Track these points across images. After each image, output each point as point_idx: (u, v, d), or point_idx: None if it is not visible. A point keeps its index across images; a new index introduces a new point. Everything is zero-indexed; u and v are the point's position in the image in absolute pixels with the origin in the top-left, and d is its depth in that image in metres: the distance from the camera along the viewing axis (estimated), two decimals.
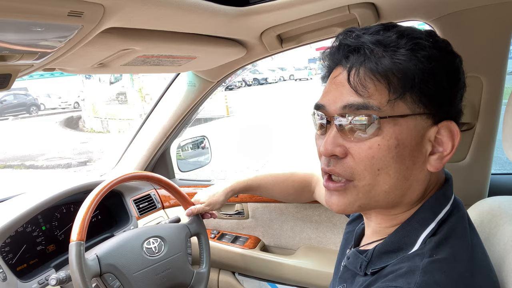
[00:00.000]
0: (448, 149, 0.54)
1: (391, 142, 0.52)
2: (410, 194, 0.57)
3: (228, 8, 0.84)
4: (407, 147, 0.53)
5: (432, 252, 0.52)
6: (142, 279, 1.05)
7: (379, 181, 0.54)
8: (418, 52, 0.52)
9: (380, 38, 0.53)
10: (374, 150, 0.53)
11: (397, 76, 0.52)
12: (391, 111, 0.52)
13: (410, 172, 0.54)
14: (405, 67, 0.51)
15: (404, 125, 0.52)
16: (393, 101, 0.52)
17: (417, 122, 0.53)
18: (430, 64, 0.52)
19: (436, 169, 0.55)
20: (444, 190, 0.58)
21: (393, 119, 0.52)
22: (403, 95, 0.52)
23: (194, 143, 1.82)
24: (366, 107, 0.52)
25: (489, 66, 1.01)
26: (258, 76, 23.31)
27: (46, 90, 19.19)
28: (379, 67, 0.52)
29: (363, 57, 0.53)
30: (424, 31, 0.55)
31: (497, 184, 1.23)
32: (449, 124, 0.54)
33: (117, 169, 1.71)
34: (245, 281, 1.53)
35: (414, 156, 0.54)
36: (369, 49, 0.53)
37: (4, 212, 1.15)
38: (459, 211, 0.58)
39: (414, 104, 0.52)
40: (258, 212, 1.54)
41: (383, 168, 0.53)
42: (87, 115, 14.23)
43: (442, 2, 0.95)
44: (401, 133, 0.52)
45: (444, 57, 0.53)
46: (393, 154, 0.52)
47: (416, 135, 0.53)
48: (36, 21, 0.56)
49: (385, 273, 0.55)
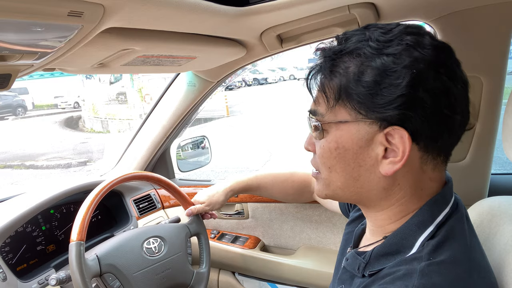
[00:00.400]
0: (399, 155, 0.53)
1: (331, 144, 0.58)
2: (367, 193, 0.59)
3: (228, 8, 0.84)
4: (348, 150, 0.57)
5: (430, 256, 0.52)
6: (142, 279, 1.05)
7: (332, 177, 0.60)
8: (358, 61, 0.54)
9: (337, 48, 0.57)
10: (322, 150, 0.60)
11: (329, 87, 0.57)
12: (333, 117, 0.57)
13: (358, 173, 0.57)
14: (338, 78, 0.55)
15: (345, 130, 0.56)
16: (331, 108, 0.57)
17: (359, 127, 0.55)
18: (365, 73, 0.53)
19: (386, 173, 0.55)
20: (444, 193, 0.58)
21: (335, 124, 0.57)
22: (337, 104, 0.56)
23: (194, 143, 1.82)
24: (315, 114, 0.60)
25: (489, 66, 1.01)
26: (258, 76, 23.30)
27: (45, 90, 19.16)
28: (319, 81, 0.58)
29: (316, 71, 0.60)
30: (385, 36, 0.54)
31: (497, 184, 1.23)
32: (398, 130, 0.52)
33: (117, 169, 1.71)
34: (245, 281, 1.53)
35: (359, 158, 0.56)
36: (322, 63, 0.59)
37: (4, 212, 1.15)
38: (458, 213, 0.58)
39: (353, 111, 0.55)
40: (258, 212, 1.54)
41: (332, 166, 0.60)
42: (87, 115, 14.23)
43: (442, 2, 0.95)
44: (341, 137, 0.57)
45: (383, 66, 0.52)
46: (335, 155, 0.58)
47: (359, 139, 0.55)
48: (36, 21, 0.56)
49: (382, 275, 0.55)
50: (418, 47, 0.52)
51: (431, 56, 0.52)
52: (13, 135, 12.90)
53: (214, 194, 1.21)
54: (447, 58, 0.54)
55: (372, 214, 0.63)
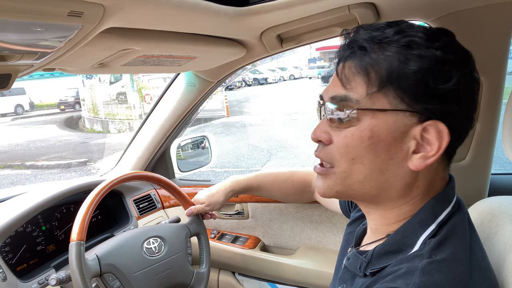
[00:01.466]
0: (434, 150, 0.53)
1: (364, 133, 0.54)
2: (388, 189, 0.57)
3: (228, 8, 0.84)
4: (382, 141, 0.54)
5: (431, 253, 0.52)
6: (142, 279, 1.05)
7: (353, 170, 0.57)
8: (408, 50, 0.52)
9: (376, 34, 0.55)
10: (348, 139, 0.56)
11: (375, 71, 0.53)
12: (370, 104, 0.54)
13: (386, 166, 0.55)
14: (387, 63, 0.53)
15: (382, 119, 0.54)
16: (371, 95, 0.54)
17: (398, 118, 0.53)
18: (415, 62, 0.52)
19: (416, 168, 0.54)
20: (446, 192, 0.58)
21: (372, 112, 0.54)
22: (380, 90, 0.53)
23: (194, 143, 1.82)
24: (346, 99, 0.55)
25: (489, 66, 1.01)
26: (258, 76, 23.31)
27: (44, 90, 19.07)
28: (362, 62, 0.54)
29: (352, 53, 0.56)
30: (428, 30, 0.55)
31: (497, 184, 1.23)
32: (437, 125, 0.52)
33: (117, 169, 1.71)
34: (245, 281, 1.53)
35: (391, 151, 0.54)
36: (358, 44, 0.55)
37: (4, 212, 1.15)
38: (460, 212, 0.58)
39: (395, 100, 0.53)
40: (258, 212, 1.54)
41: (357, 157, 0.56)
42: (87, 115, 14.23)
43: (442, 2, 0.95)
44: (377, 126, 0.54)
45: (435, 57, 0.52)
46: (366, 144, 0.55)
47: (395, 130, 0.54)
48: (36, 21, 0.56)
49: (385, 274, 0.55)
50: (457, 48, 0.55)
51: (466, 57, 0.55)
52: (13, 135, 12.90)
53: (214, 194, 1.21)
54: (474, 63, 0.56)
55: (379, 212, 0.61)
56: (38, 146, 10.58)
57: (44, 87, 20.46)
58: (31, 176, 7.75)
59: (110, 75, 13.12)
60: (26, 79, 16.13)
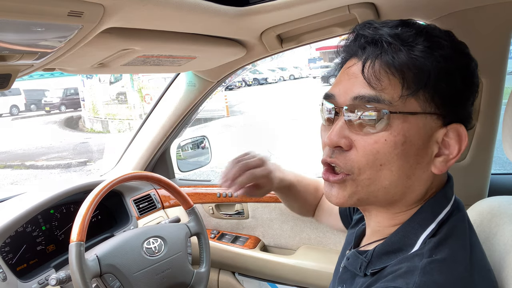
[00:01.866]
0: (454, 153, 0.54)
1: (398, 138, 0.51)
2: (410, 194, 0.56)
3: (228, 8, 0.84)
4: (413, 146, 0.52)
5: (432, 253, 0.52)
6: (142, 279, 1.05)
7: (380, 176, 0.53)
8: (435, 51, 0.51)
9: (399, 32, 0.53)
10: (380, 145, 0.52)
11: (412, 71, 0.51)
12: (402, 107, 0.51)
13: (413, 171, 0.54)
14: (422, 63, 0.51)
15: (413, 123, 0.51)
16: (406, 97, 0.51)
17: (426, 121, 0.52)
18: (446, 63, 0.51)
19: (440, 172, 0.55)
20: (445, 191, 0.58)
21: (403, 115, 0.51)
22: (417, 92, 0.51)
23: (194, 143, 1.82)
24: (377, 100, 0.51)
25: (489, 66, 1.01)
26: (258, 76, 23.30)
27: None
28: (396, 61, 0.51)
29: (380, 50, 0.52)
30: (443, 31, 0.55)
31: (497, 184, 1.23)
32: (458, 127, 0.53)
33: (117, 169, 1.71)
34: (245, 281, 1.53)
35: (419, 155, 0.53)
36: (387, 42, 0.52)
37: (4, 212, 1.15)
38: (459, 212, 0.58)
39: (426, 103, 0.52)
40: (258, 212, 1.54)
41: (386, 164, 0.52)
42: (87, 115, 14.23)
43: (442, 2, 0.95)
44: (410, 131, 0.51)
45: (460, 58, 0.53)
46: (399, 151, 0.52)
47: (424, 134, 0.52)
48: (36, 21, 0.56)
49: (385, 274, 0.54)
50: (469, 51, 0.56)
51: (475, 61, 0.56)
52: (13, 135, 12.90)
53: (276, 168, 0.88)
54: None
55: (388, 215, 0.59)
56: (38, 146, 10.58)
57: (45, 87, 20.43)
58: (31, 176, 7.75)
59: (110, 75, 13.12)
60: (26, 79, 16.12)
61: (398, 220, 0.59)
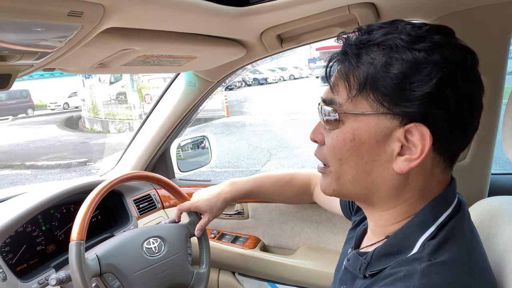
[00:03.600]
0: (417, 153, 0.53)
1: (347, 136, 0.57)
2: (376, 190, 0.58)
3: (228, 8, 0.84)
4: (364, 143, 0.55)
5: (431, 256, 0.52)
6: (142, 279, 1.05)
7: (343, 170, 0.59)
8: (388, 53, 0.53)
9: (363, 38, 0.56)
10: (334, 141, 0.58)
11: (354, 75, 0.55)
12: (352, 108, 0.56)
13: (371, 168, 0.56)
14: (365, 68, 0.54)
15: (363, 122, 0.55)
16: (352, 98, 0.55)
17: (379, 121, 0.54)
18: (393, 65, 0.52)
19: (400, 171, 0.54)
20: (446, 194, 0.58)
21: (354, 115, 0.56)
22: (360, 94, 0.55)
23: (194, 143, 1.82)
24: (331, 103, 0.58)
25: (489, 66, 1.01)
26: (258, 76, 23.31)
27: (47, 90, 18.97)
28: (343, 68, 0.57)
29: (338, 59, 0.59)
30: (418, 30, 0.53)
31: (497, 184, 1.23)
32: (420, 127, 0.52)
33: (117, 169, 1.71)
34: (245, 281, 1.53)
35: (374, 153, 0.55)
36: (342, 50, 0.58)
37: (4, 212, 1.15)
38: (460, 213, 0.58)
39: (375, 103, 0.54)
40: (258, 212, 1.54)
41: (343, 158, 0.58)
42: (87, 115, 14.23)
43: (442, 2, 0.95)
44: (359, 129, 0.55)
45: (414, 59, 0.51)
46: (349, 147, 0.57)
47: (377, 133, 0.54)
48: (36, 21, 0.56)
49: (383, 276, 0.55)
50: (448, 47, 0.53)
51: (460, 57, 0.53)
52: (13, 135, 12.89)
53: (215, 202, 1.19)
54: (473, 62, 0.55)
55: (376, 213, 0.62)
56: (38, 146, 10.58)
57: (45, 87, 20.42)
58: (31, 176, 7.75)
59: (110, 75, 13.12)
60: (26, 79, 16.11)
61: (387, 221, 0.60)
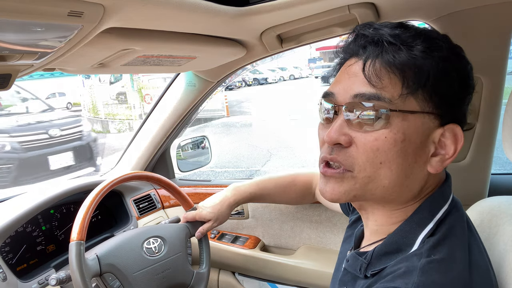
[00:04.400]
0: (450, 153, 0.54)
1: (398, 136, 0.52)
2: (406, 192, 0.57)
3: (228, 8, 0.84)
4: (412, 144, 0.53)
5: (430, 252, 0.52)
6: (142, 279, 1.05)
7: (379, 174, 0.54)
8: (434, 52, 0.53)
9: (398, 33, 0.54)
10: (380, 142, 0.52)
11: (413, 70, 0.52)
12: (402, 105, 0.52)
13: (411, 170, 0.54)
14: (421, 63, 0.52)
15: (412, 121, 0.52)
16: (405, 95, 0.52)
17: (424, 120, 0.53)
18: (444, 64, 0.53)
19: (436, 171, 0.55)
20: (443, 190, 0.58)
21: (403, 113, 0.52)
22: (416, 91, 0.52)
23: (194, 143, 1.82)
24: (377, 98, 0.52)
25: (489, 66, 1.01)
26: (258, 76, 23.30)
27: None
28: (396, 60, 0.52)
29: (381, 49, 0.53)
30: (440, 34, 0.56)
31: (497, 184, 1.23)
32: (455, 128, 0.54)
33: (117, 169, 1.71)
34: (245, 281, 1.53)
35: (417, 154, 0.54)
36: (387, 41, 0.53)
37: (4, 212, 1.15)
38: (457, 211, 0.58)
39: (424, 102, 0.53)
40: (258, 212, 1.54)
41: (386, 161, 0.53)
42: (87, 115, 14.22)
43: (442, 2, 0.95)
44: (408, 129, 0.52)
45: (457, 60, 0.55)
46: (398, 148, 0.52)
47: (422, 133, 0.53)
48: (36, 21, 0.56)
49: (384, 274, 0.55)
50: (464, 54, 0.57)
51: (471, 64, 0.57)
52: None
53: (219, 209, 1.18)
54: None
55: (385, 212, 0.60)
56: None
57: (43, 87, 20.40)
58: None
59: (110, 75, 13.11)
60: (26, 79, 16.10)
61: (395, 218, 0.59)
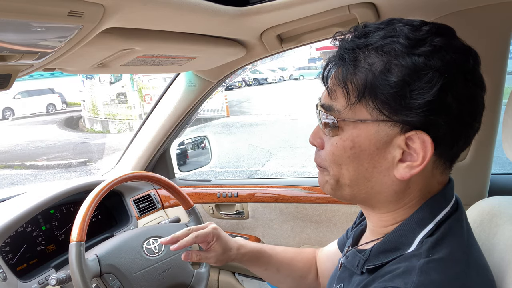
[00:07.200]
0: (419, 160, 0.52)
1: (346, 143, 0.56)
2: (377, 195, 0.57)
3: (228, 8, 0.84)
4: (364, 151, 0.55)
5: (429, 252, 0.52)
6: (142, 279, 1.05)
7: (342, 174, 0.58)
8: (387, 58, 0.51)
9: (360, 42, 0.54)
10: (334, 148, 0.57)
11: (352, 82, 0.53)
12: (351, 115, 0.55)
13: (371, 174, 0.56)
14: (363, 74, 0.52)
15: (363, 129, 0.54)
16: (351, 106, 0.54)
17: (379, 128, 0.53)
18: (392, 72, 0.50)
19: (402, 178, 0.54)
20: (445, 193, 0.58)
21: (353, 122, 0.55)
22: (359, 101, 0.53)
23: (194, 143, 1.82)
24: (330, 109, 0.57)
25: (489, 66, 1.01)
26: (258, 76, 23.29)
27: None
28: (341, 74, 0.55)
29: (335, 64, 0.57)
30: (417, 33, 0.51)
31: (497, 184, 1.23)
32: (421, 135, 0.51)
33: (117, 169, 1.71)
34: (245, 281, 1.53)
35: (374, 160, 0.55)
36: (339, 54, 0.56)
37: (4, 212, 1.15)
38: (457, 212, 0.58)
39: (375, 111, 0.52)
40: (258, 212, 1.54)
41: (343, 164, 0.57)
42: (87, 115, 14.23)
43: (442, 2, 0.95)
44: (359, 137, 0.54)
45: (414, 66, 0.49)
46: (348, 154, 0.56)
47: (378, 140, 0.53)
48: (36, 21, 0.56)
49: (382, 273, 0.55)
50: (449, 50, 0.51)
51: (461, 60, 0.51)
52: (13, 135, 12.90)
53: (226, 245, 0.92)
54: (475, 64, 0.53)
55: (376, 215, 0.62)
56: (38, 146, 10.58)
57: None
58: (31, 176, 7.75)
59: (110, 75, 13.12)
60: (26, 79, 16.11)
61: (385, 222, 0.60)
